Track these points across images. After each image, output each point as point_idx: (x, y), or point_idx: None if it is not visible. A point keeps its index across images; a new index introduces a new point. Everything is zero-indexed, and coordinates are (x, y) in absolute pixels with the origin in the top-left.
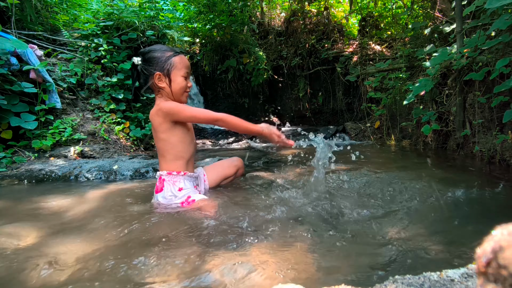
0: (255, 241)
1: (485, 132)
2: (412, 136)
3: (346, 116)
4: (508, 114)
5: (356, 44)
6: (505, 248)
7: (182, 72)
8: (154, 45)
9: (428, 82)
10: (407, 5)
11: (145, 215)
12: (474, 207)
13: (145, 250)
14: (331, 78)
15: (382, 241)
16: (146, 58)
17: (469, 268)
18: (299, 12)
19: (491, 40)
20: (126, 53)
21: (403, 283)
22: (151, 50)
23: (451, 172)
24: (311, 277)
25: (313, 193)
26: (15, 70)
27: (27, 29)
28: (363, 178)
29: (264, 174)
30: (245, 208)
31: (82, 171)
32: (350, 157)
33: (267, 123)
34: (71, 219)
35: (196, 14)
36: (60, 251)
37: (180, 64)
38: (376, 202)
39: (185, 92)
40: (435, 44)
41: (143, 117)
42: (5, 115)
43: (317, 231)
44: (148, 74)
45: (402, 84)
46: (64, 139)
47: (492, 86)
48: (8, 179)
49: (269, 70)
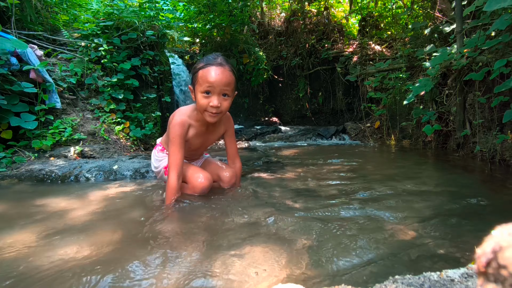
0: (255, 241)
1: (485, 132)
2: (412, 136)
3: (346, 116)
4: (508, 114)
5: (356, 44)
6: (505, 248)
7: (202, 87)
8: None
9: (428, 82)
10: (407, 5)
11: (145, 215)
12: (474, 207)
13: (145, 250)
14: (331, 78)
15: (382, 241)
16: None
17: (469, 268)
18: (299, 12)
19: (491, 40)
20: (126, 53)
21: (403, 283)
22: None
23: (451, 172)
24: (311, 277)
25: (312, 193)
26: (15, 70)
27: (27, 29)
28: (363, 178)
29: (264, 174)
30: (245, 208)
31: (82, 171)
32: (350, 157)
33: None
34: (70, 220)
35: (196, 14)
36: (60, 251)
37: (202, 79)
38: (375, 202)
39: (205, 111)
40: (435, 44)
41: (143, 117)
42: (5, 115)
43: (317, 231)
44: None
45: (402, 84)
46: (64, 139)
47: (492, 86)
48: (8, 179)
49: (269, 70)
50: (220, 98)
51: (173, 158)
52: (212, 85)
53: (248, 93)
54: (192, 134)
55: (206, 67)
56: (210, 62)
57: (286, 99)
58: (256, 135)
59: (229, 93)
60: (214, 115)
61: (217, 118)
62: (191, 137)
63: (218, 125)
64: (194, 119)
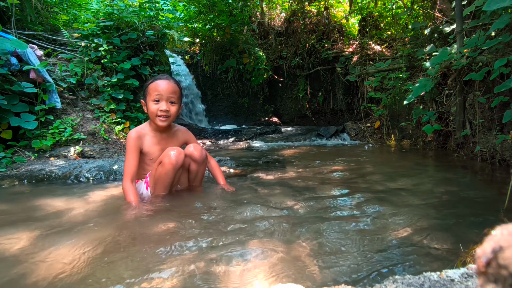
0: (255, 241)
1: (485, 132)
2: (412, 136)
3: (346, 116)
4: (508, 114)
5: (356, 44)
6: (505, 248)
7: (152, 97)
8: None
9: (428, 82)
10: (407, 5)
11: (145, 215)
12: (474, 207)
13: (145, 250)
14: (331, 78)
15: (382, 241)
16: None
17: (469, 268)
18: (299, 12)
19: (491, 40)
20: (126, 53)
21: (403, 283)
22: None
23: (451, 172)
24: (311, 277)
25: (312, 193)
26: (15, 70)
27: (27, 29)
28: (363, 178)
29: (264, 174)
30: (245, 208)
31: (82, 171)
32: (350, 157)
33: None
34: (70, 220)
35: (196, 14)
36: (60, 251)
37: (151, 90)
38: (375, 202)
39: (156, 116)
40: (435, 44)
41: (143, 117)
42: (5, 115)
43: (317, 231)
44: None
45: (402, 84)
46: (64, 139)
47: (492, 86)
48: (8, 179)
49: (269, 70)
50: (168, 104)
51: (128, 165)
52: (160, 93)
53: (248, 93)
54: (149, 143)
55: (155, 81)
56: (157, 78)
57: (286, 99)
58: (256, 135)
59: (175, 100)
60: (164, 119)
61: (167, 122)
62: (149, 145)
63: (174, 135)
64: (149, 129)
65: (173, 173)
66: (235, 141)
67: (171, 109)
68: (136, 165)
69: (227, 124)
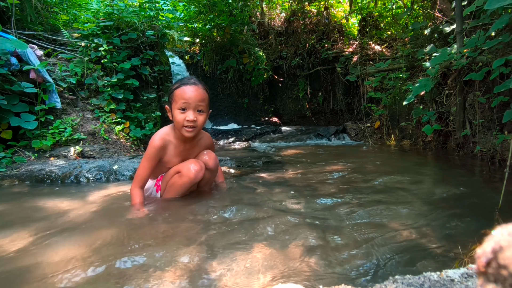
0: (255, 240)
1: (485, 132)
2: (412, 136)
3: (346, 116)
4: (508, 114)
5: (356, 44)
6: (505, 248)
7: (178, 104)
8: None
9: (428, 82)
10: (407, 5)
11: (145, 215)
12: (474, 207)
13: (144, 250)
14: (331, 78)
15: (382, 241)
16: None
17: (469, 268)
18: (299, 12)
19: (491, 40)
20: (126, 53)
21: (403, 283)
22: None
23: (451, 172)
24: (311, 277)
25: (312, 193)
26: (15, 70)
27: (27, 29)
28: (362, 178)
29: (264, 174)
30: (245, 208)
31: (82, 171)
32: (350, 157)
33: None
34: (70, 220)
35: (196, 14)
36: (59, 251)
37: (177, 97)
38: (375, 202)
39: (182, 127)
40: (435, 44)
41: (143, 117)
42: (5, 115)
43: (317, 231)
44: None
45: (402, 84)
46: (64, 139)
47: (492, 86)
48: (8, 179)
49: (269, 70)
50: (196, 113)
51: (142, 172)
52: (187, 101)
53: (248, 93)
54: (171, 153)
55: (181, 86)
56: (184, 82)
57: (286, 99)
58: (256, 135)
59: (203, 109)
60: (191, 130)
61: (194, 133)
62: (170, 156)
63: (197, 144)
64: (173, 137)
65: (189, 186)
66: (235, 141)
67: (199, 119)
68: (150, 174)
69: (227, 124)
